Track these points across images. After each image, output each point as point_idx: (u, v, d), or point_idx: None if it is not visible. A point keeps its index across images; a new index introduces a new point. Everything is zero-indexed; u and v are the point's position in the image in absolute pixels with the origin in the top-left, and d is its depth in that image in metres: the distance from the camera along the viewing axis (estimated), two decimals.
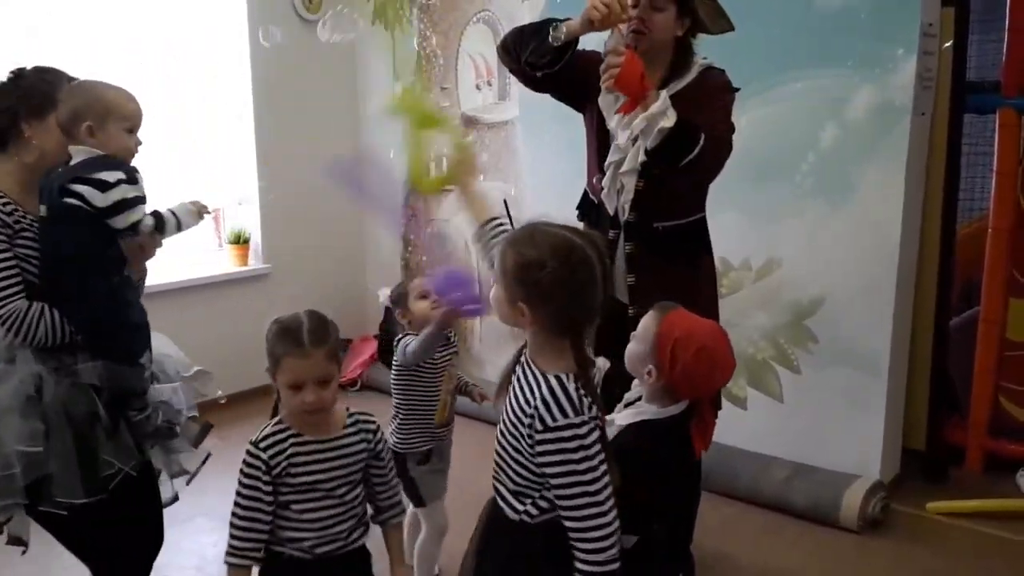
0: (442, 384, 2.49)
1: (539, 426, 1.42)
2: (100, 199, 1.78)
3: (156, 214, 1.89)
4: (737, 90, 2.36)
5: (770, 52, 3.22)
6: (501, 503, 1.57)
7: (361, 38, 4.64)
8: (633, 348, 1.82)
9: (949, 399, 3.57)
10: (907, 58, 3.00)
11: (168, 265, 4.20)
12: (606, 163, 2.39)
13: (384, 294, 2.65)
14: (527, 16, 3.77)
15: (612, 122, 2.35)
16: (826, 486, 3.16)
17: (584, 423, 1.42)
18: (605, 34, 2.28)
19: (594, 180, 2.49)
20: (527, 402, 1.45)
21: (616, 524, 1.45)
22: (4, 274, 1.81)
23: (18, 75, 1.91)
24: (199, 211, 1.97)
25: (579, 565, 1.45)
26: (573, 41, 2.27)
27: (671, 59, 2.33)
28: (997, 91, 3.34)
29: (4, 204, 1.83)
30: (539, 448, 1.43)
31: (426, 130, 1.83)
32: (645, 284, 2.40)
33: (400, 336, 2.49)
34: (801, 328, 3.34)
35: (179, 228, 1.94)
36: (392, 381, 2.53)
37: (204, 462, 2.21)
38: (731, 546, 1.92)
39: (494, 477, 1.58)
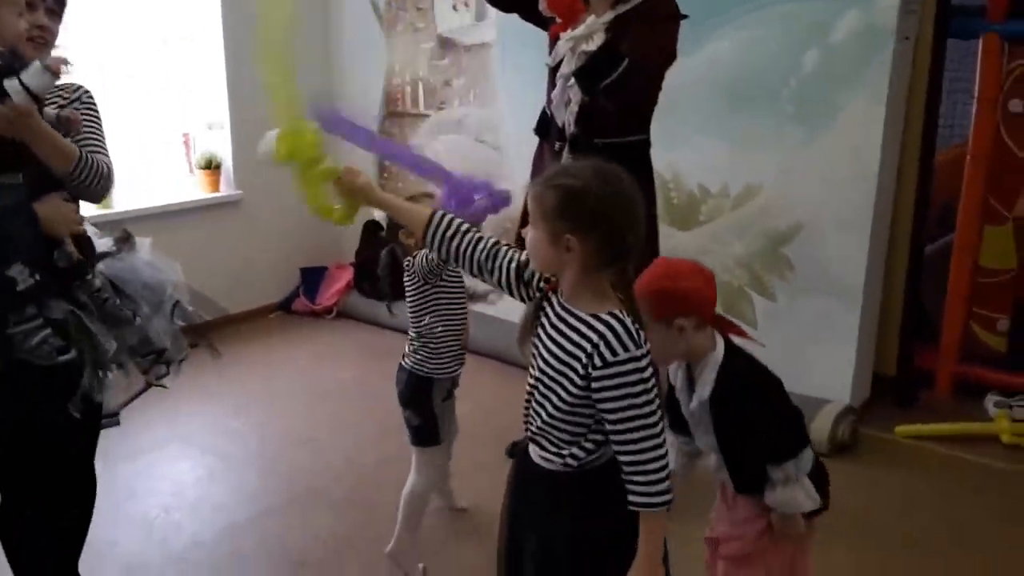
0: (465, 300, 2.39)
1: (598, 362, 1.40)
2: None
3: None
4: (684, 17, 2.41)
5: None
6: (541, 455, 1.54)
7: None
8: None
9: (921, 324, 3.61)
10: None
11: (135, 191, 4.12)
12: (558, 75, 2.51)
13: (382, 215, 2.47)
14: None
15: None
16: None
17: (644, 355, 1.41)
18: None
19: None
20: (577, 345, 1.42)
21: (669, 457, 1.45)
22: None
23: None
24: (48, 67, 1.61)
25: (634, 498, 1.44)
26: None
27: None
28: (982, 16, 3.30)
29: None
30: (596, 384, 1.41)
31: (312, 168, 1.75)
32: None
33: (412, 256, 2.34)
34: (777, 255, 3.34)
35: (27, 90, 1.60)
36: (412, 306, 2.37)
37: (124, 405, 2.02)
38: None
39: (532, 432, 1.55)
